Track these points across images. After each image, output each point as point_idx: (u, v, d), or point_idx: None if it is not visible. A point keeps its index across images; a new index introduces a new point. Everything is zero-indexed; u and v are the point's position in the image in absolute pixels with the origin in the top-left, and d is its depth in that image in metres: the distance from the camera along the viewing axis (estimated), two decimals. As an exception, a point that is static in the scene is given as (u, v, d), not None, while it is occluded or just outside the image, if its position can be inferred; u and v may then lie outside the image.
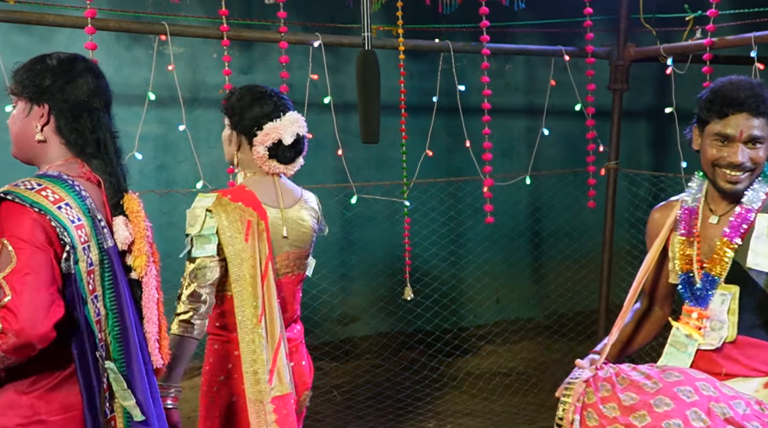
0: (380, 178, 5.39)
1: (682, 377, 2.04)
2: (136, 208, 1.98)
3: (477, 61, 4.85)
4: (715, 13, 4.08)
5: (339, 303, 5.73)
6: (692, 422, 1.93)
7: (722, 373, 2.22)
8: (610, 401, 2.05)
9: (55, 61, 1.98)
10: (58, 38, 4.71)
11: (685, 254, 2.33)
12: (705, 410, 1.95)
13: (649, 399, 1.99)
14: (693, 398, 1.97)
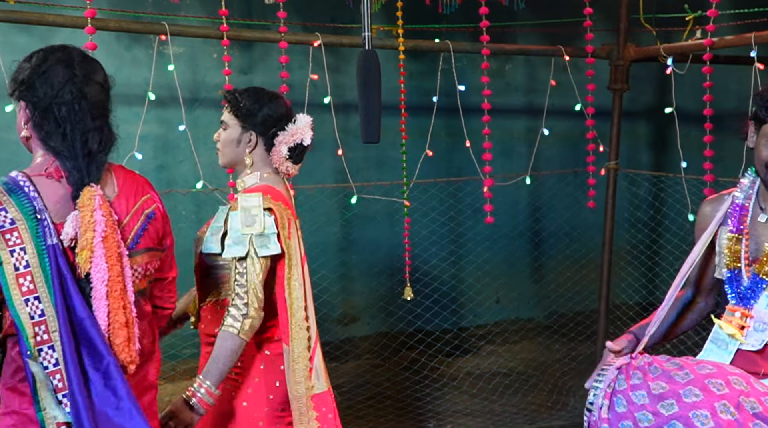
0: (380, 178, 5.39)
1: (715, 370, 2.04)
2: (86, 202, 1.90)
3: (477, 61, 4.86)
4: (715, 13, 4.08)
5: (339, 303, 5.73)
6: (720, 414, 1.94)
7: (761, 373, 2.21)
8: (640, 389, 2.07)
9: (34, 55, 2.00)
10: (58, 38, 4.70)
11: (732, 250, 2.33)
12: (734, 403, 1.96)
13: (678, 389, 2.01)
14: (723, 391, 1.98)
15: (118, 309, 1.90)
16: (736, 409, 1.95)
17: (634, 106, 6.46)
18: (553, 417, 4.89)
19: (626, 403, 2.08)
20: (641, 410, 2.04)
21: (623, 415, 2.06)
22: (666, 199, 6.12)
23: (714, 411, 1.95)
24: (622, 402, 2.09)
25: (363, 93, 3.05)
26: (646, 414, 2.03)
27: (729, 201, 2.40)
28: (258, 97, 2.66)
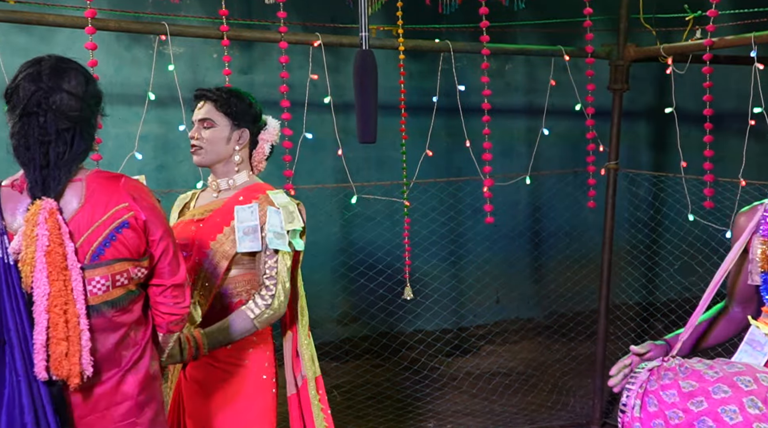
0: (380, 178, 5.39)
1: (744, 368, 2.09)
2: (30, 216, 1.91)
3: (477, 61, 4.86)
4: (715, 13, 4.08)
5: (339, 303, 5.73)
6: (748, 409, 1.98)
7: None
8: (671, 388, 2.12)
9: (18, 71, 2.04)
10: (58, 38, 4.71)
11: (766, 255, 2.36)
12: (762, 398, 2.00)
13: (708, 386, 2.06)
14: (751, 387, 2.03)
15: (58, 323, 1.89)
16: (764, 404, 1.99)
17: (634, 106, 6.46)
18: (553, 417, 4.89)
19: (657, 402, 2.12)
20: (672, 408, 2.09)
21: (654, 414, 2.11)
22: (666, 199, 6.12)
23: (742, 406, 1.99)
24: (653, 401, 2.13)
25: (360, 93, 3.05)
26: (677, 412, 2.07)
27: (761, 210, 2.43)
28: (241, 95, 2.69)
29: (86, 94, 2.02)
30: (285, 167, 4.11)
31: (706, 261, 5.70)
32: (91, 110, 2.04)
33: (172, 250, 2.09)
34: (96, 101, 2.06)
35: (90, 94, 2.03)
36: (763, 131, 4.29)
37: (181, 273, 2.12)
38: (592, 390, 4.98)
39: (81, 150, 2.00)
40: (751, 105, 4.07)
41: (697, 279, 5.84)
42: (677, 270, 6.13)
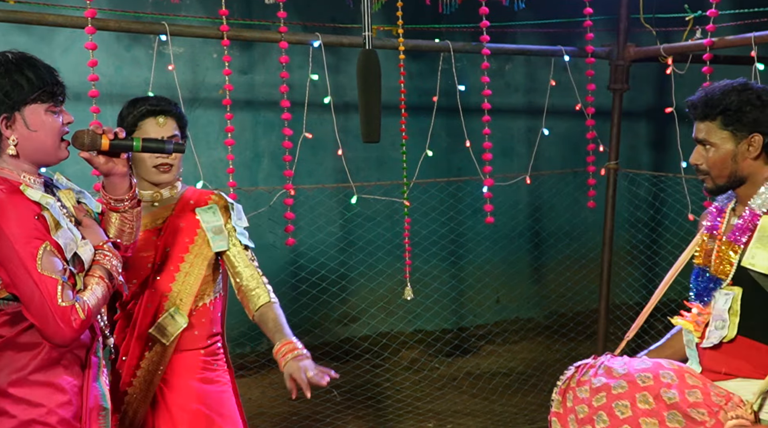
0: (380, 178, 5.39)
1: (650, 365, 2.16)
2: None
3: (477, 61, 4.86)
4: (715, 13, 4.08)
5: (339, 303, 5.73)
6: (638, 404, 2.08)
7: (722, 372, 2.23)
8: (585, 384, 2.21)
9: None
10: (58, 38, 4.71)
11: (704, 249, 2.36)
12: (654, 394, 2.08)
13: (611, 382, 2.15)
14: (648, 383, 2.10)
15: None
16: (654, 399, 2.07)
17: (634, 106, 6.46)
18: (553, 417, 4.89)
19: (572, 398, 2.22)
20: (581, 403, 2.18)
21: (570, 409, 2.21)
22: (666, 199, 6.11)
23: (634, 401, 2.09)
24: (571, 397, 2.22)
25: (363, 92, 3.05)
26: (584, 407, 2.17)
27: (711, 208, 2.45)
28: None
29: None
30: (285, 167, 4.11)
31: (706, 261, 5.70)
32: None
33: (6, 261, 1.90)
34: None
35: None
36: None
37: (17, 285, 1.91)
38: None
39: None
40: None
41: (697, 279, 5.84)
42: (677, 270, 6.13)
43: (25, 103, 1.94)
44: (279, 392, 5.13)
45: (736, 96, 2.22)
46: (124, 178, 2.10)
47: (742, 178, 2.27)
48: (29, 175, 1.99)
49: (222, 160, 4.71)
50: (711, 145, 2.26)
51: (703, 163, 2.28)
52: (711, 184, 2.29)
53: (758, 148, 2.23)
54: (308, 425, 4.70)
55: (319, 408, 4.90)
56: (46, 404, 1.96)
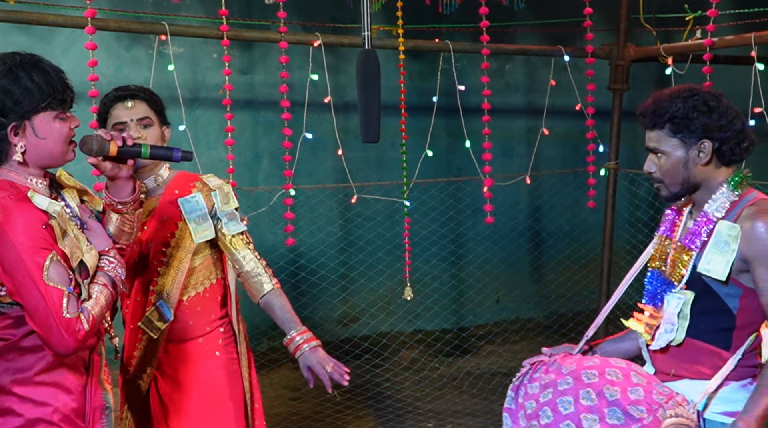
0: (380, 178, 5.39)
1: (597, 362, 2.18)
2: None
3: (477, 61, 4.86)
4: (715, 13, 4.08)
5: (339, 303, 5.73)
6: (581, 400, 2.09)
7: (671, 374, 2.26)
8: (536, 381, 2.24)
9: None
10: (58, 38, 4.71)
11: (660, 251, 2.37)
12: (597, 391, 2.09)
13: (558, 379, 2.17)
14: (593, 380, 2.12)
15: None
16: (597, 396, 2.09)
17: (634, 106, 6.42)
18: (553, 417, 4.89)
19: (524, 394, 2.24)
20: (530, 399, 2.20)
21: (521, 405, 2.23)
22: (666, 199, 6.12)
23: (577, 398, 2.10)
24: (522, 393, 2.25)
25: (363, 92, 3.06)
26: (532, 403, 2.19)
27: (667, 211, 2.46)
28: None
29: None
30: (285, 167, 4.11)
31: (706, 261, 5.70)
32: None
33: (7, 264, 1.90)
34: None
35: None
36: (763, 131, 4.29)
37: (21, 295, 1.90)
38: (592, 390, 4.97)
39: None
40: (751, 105, 4.07)
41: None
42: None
43: (35, 112, 1.93)
44: (279, 392, 5.14)
45: (682, 103, 2.21)
46: (128, 182, 2.12)
47: (696, 184, 2.26)
48: (36, 178, 2.00)
49: (222, 160, 4.70)
50: (662, 153, 2.26)
51: (656, 171, 2.28)
52: (666, 191, 2.29)
53: (708, 153, 2.21)
54: (308, 425, 4.70)
55: (319, 408, 4.90)
56: (52, 403, 1.97)
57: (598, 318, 2.51)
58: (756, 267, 2.13)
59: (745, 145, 2.26)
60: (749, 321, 2.19)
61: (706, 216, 2.23)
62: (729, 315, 2.19)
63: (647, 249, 2.44)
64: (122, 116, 2.51)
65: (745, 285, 2.17)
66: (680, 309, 2.23)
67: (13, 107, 1.91)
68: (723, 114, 2.21)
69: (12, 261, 1.86)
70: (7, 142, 1.93)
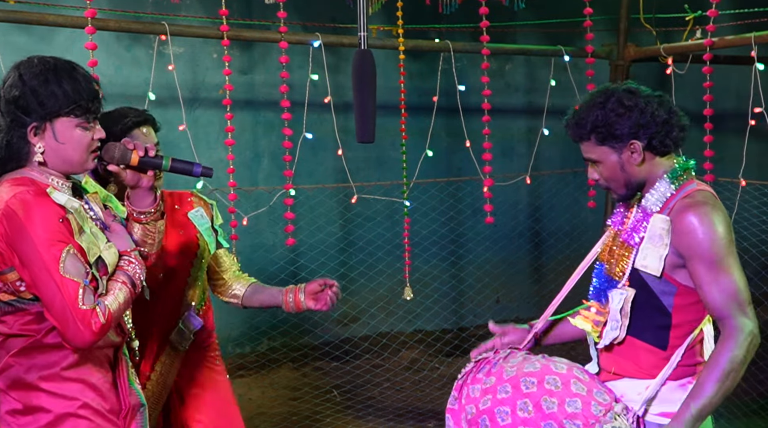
0: (380, 178, 5.39)
1: (538, 368, 2.11)
2: None
3: (477, 61, 4.86)
4: (715, 13, 4.08)
5: (339, 303, 5.72)
6: (518, 411, 2.04)
7: (612, 372, 2.25)
8: (478, 383, 2.19)
9: None
10: (58, 38, 4.71)
11: (609, 246, 2.36)
12: (534, 402, 2.04)
13: (498, 385, 2.12)
14: (531, 389, 2.06)
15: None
16: (534, 408, 2.03)
17: (634, 106, 6.46)
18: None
19: (465, 396, 2.20)
20: (471, 403, 2.15)
21: (462, 407, 2.19)
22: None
23: (514, 408, 2.05)
24: (464, 393, 2.21)
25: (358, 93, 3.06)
26: (472, 407, 2.14)
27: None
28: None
29: (9, 97, 1.96)
30: (285, 167, 4.12)
31: (706, 261, 5.69)
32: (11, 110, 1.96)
33: (30, 262, 1.91)
34: (4, 109, 1.97)
35: (12, 98, 1.96)
36: (763, 131, 4.29)
37: (44, 295, 1.92)
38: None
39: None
40: (751, 105, 4.07)
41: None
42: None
43: (57, 116, 1.95)
44: (279, 392, 5.14)
45: (600, 111, 2.17)
46: (149, 192, 2.13)
47: (640, 183, 2.23)
48: (57, 179, 2.02)
49: (222, 160, 4.70)
50: (597, 162, 2.23)
51: (600, 179, 2.27)
52: (616, 195, 2.29)
53: (640, 152, 2.18)
54: (308, 425, 4.70)
55: (319, 408, 4.90)
56: (80, 398, 1.99)
57: (548, 310, 2.49)
58: (690, 262, 2.09)
59: (674, 134, 2.19)
60: (685, 319, 2.16)
61: (644, 210, 2.21)
62: (665, 313, 2.16)
63: (599, 242, 2.42)
64: (144, 142, 2.52)
65: (681, 283, 2.14)
66: (621, 306, 2.21)
67: (36, 108, 1.94)
68: (643, 111, 2.16)
69: (29, 253, 1.88)
70: (27, 141, 1.96)
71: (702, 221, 2.07)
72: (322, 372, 5.42)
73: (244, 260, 4.28)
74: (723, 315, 2.05)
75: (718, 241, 2.07)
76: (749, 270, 5.82)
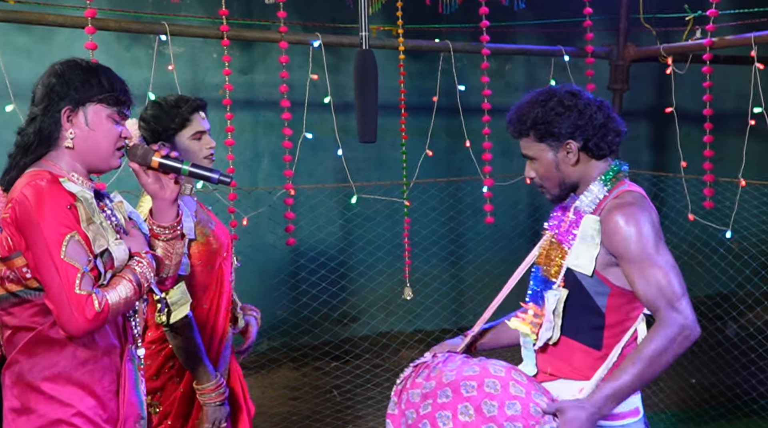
0: (380, 178, 5.39)
1: (477, 371, 2.11)
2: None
3: (477, 61, 4.86)
4: (715, 13, 4.08)
5: (339, 303, 5.73)
6: (459, 416, 2.04)
7: (548, 372, 2.27)
8: (418, 387, 2.17)
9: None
10: (58, 38, 4.71)
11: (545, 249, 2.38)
12: (475, 406, 2.05)
13: (438, 389, 2.11)
14: (471, 393, 2.06)
15: None
16: (474, 412, 2.04)
17: (634, 106, 6.46)
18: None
19: (405, 401, 2.18)
20: (411, 408, 2.14)
21: (402, 412, 2.18)
22: (666, 199, 6.11)
23: (455, 412, 2.05)
24: (404, 399, 2.19)
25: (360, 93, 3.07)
26: (412, 412, 2.13)
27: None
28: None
29: (50, 84, 2.03)
30: (285, 167, 4.12)
31: (706, 261, 5.70)
32: (52, 99, 2.02)
33: (39, 251, 1.93)
34: (40, 96, 2.04)
35: (53, 85, 2.03)
36: (763, 131, 4.29)
37: (48, 283, 1.93)
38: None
39: (28, 141, 2.02)
40: (751, 105, 4.07)
41: (697, 279, 5.84)
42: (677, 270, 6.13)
43: (90, 100, 2.02)
44: (279, 392, 5.14)
45: (541, 108, 2.26)
46: (171, 206, 2.12)
47: (574, 184, 2.28)
48: (78, 176, 2.04)
49: (222, 160, 4.70)
50: (534, 159, 2.29)
51: (535, 177, 2.31)
52: (549, 194, 2.32)
53: (575, 153, 2.23)
54: (308, 425, 4.70)
55: (319, 408, 4.90)
56: (76, 405, 1.98)
57: (486, 314, 2.50)
58: (621, 261, 2.14)
59: (610, 138, 2.26)
60: (619, 320, 2.20)
61: (578, 212, 2.25)
62: (598, 313, 2.20)
63: (536, 246, 2.44)
64: (204, 125, 2.66)
65: (614, 284, 2.18)
66: (555, 307, 2.24)
67: (71, 92, 2.01)
68: (581, 112, 2.23)
69: (34, 235, 1.91)
70: (59, 125, 2.01)
71: (628, 221, 2.13)
72: (322, 372, 5.42)
73: (244, 260, 4.28)
74: (654, 309, 2.12)
75: (643, 239, 2.12)
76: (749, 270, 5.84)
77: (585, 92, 2.30)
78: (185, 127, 2.62)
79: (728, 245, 5.38)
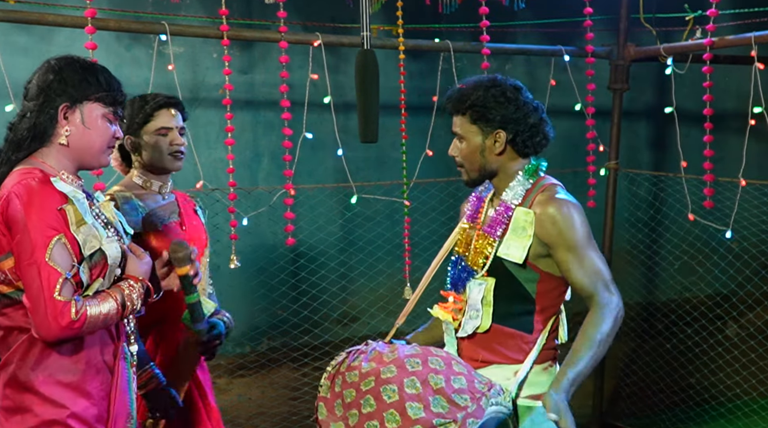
0: (380, 178, 5.38)
1: (420, 351, 2.20)
2: None
3: (477, 61, 4.86)
4: (715, 13, 4.08)
5: (339, 303, 5.73)
6: (406, 389, 2.10)
7: (479, 360, 2.35)
8: (355, 369, 2.23)
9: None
10: (58, 38, 4.70)
11: (464, 237, 2.47)
12: (422, 380, 2.11)
13: (381, 367, 2.17)
14: (416, 368, 2.14)
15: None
16: (421, 385, 2.10)
17: (634, 106, 6.46)
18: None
19: (341, 383, 2.23)
20: (349, 388, 2.20)
21: (338, 394, 2.23)
22: (666, 199, 6.12)
23: (402, 386, 2.10)
24: (339, 382, 2.24)
25: (361, 93, 3.08)
26: (351, 391, 2.19)
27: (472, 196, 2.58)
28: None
29: (48, 81, 2.07)
30: (285, 167, 4.12)
31: (706, 261, 5.70)
32: (49, 95, 2.06)
33: (22, 252, 1.92)
34: (35, 93, 2.06)
35: (51, 81, 2.07)
36: (763, 131, 4.29)
37: (29, 285, 1.92)
38: (591, 390, 4.97)
39: (21, 136, 2.03)
40: (751, 105, 4.07)
41: (697, 279, 5.84)
42: (677, 270, 6.13)
43: (87, 99, 2.05)
44: (279, 392, 5.14)
45: (483, 92, 2.34)
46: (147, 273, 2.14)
47: (493, 171, 2.38)
48: (68, 174, 2.02)
49: (222, 160, 4.70)
50: (462, 138, 2.37)
51: (458, 156, 2.39)
52: (466, 176, 2.42)
53: (502, 143, 2.34)
54: (308, 425, 4.70)
55: (319, 408, 4.90)
56: (70, 406, 1.98)
57: (407, 306, 2.61)
58: (555, 250, 2.26)
59: (537, 140, 2.37)
60: (547, 305, 2.37)
61: (504, 204, 2.35)
62: (529, 299, 2.34)
63: (452, 235, 2.53)
64: (169, 122, 2.67)
65: (542, 270, 2.32)
66: (482, 296, 2.32)
67: (68, 90, 2.04)
68: (519, 107, 2.37)
69: (21, 236, 1.90)
70: (54, 122, 2.02)
71: (563, 213, 2.26)
72: (322, 372, 5.41)
73: (244, 260, 4.28)
74: (590, 292, 2.26)
75: (578, 229, 2.26)
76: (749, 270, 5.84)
77: (527, 91, 2.47)
78: (149, 122, 2.65)
79: (728, 245, 5.38)
